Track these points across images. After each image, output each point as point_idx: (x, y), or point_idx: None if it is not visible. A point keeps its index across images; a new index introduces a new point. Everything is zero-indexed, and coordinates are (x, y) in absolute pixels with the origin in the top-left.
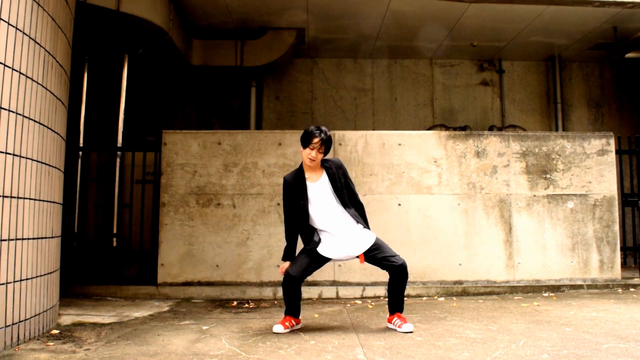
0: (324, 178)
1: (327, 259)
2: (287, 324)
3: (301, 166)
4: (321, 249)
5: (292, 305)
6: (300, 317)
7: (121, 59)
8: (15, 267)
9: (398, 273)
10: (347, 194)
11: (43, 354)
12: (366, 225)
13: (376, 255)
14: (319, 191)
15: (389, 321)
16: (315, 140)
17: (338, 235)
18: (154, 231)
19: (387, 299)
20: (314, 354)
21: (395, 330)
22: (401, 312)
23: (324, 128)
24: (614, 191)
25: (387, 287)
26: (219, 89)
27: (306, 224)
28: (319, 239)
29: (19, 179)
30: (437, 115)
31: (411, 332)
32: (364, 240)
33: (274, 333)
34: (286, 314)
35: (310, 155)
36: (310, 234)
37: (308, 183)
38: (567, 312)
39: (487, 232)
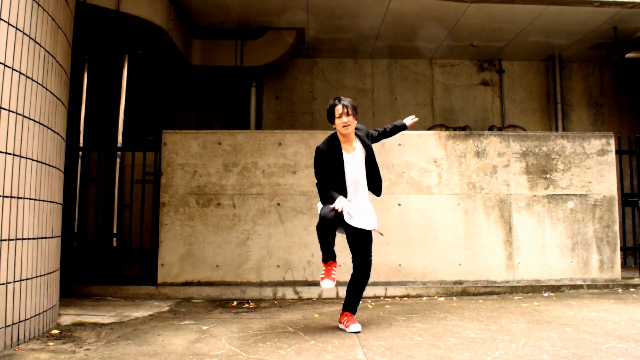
0: (359, 149)
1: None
2: (332, 275)
3: (334, 135)
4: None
5: (329, 248)
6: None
7: (121, 59)
8: (15, 267)
9: (362, 269)
10: (373, 167)
11: (43, 354)
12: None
13: (361, 239)
14: (354, 162)
15: (339, 321)
16: (339, 108)
17: (354, 205)
18: (154, 231)
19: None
20: (314, 354)
21: (344, 330)
22: (353, 313)
23: (341, 97)
24: (614, 191)
25: (348, 283)
26: (219, 89)
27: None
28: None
29: (19, 179)
30: (437, 115)
31: (358, 332)
32: (370, 222)
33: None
34: (326, 260)
35: (342, 123)
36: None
37: (344, 153)
38: (567, 312)
39: (487, 232)
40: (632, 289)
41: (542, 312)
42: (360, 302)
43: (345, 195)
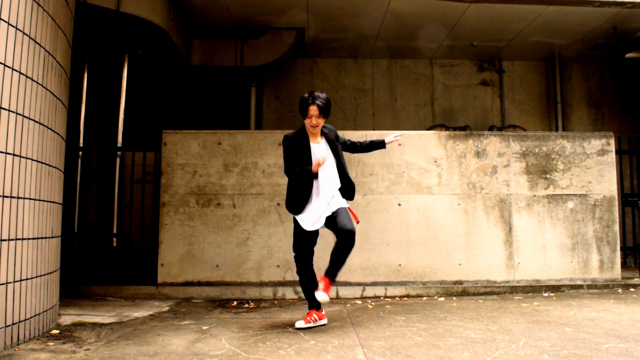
0: (323, 143)
1: (316, 231)
2: (309, 318)
3: (303, 127)
4: (302, 223)
5: (310, 291)
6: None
7: (121, 59)
8: (15, 267)
9: (344, 236)
10: (341, 161)
11: (43, 354)
12: (351, 195)
13: (335, 218)
14: (320, 151)
15: (318, 280)
16: (312, 109)
17: (321, 202)
18: (154, 231)
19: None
20: (314, 354)
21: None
22: (331, 280)
23: (316, 93)
24: (614, 191)
25: (332, 250)
26: (219, 89)
27: (306, 182)
28: (308, 209)
29: (19, 179)
30: (437, 115)
31: (327, 301)
32: (341, 202)
33: (289, 330)
34: (310, 307)
35: (311, 123)
36: (304, 196)
37: (311, 143)
38: (567, 312)
39: (487, 232)
40: (632, 289)
41: (542, 312)
42: (360, 302)
43: (312, 181)
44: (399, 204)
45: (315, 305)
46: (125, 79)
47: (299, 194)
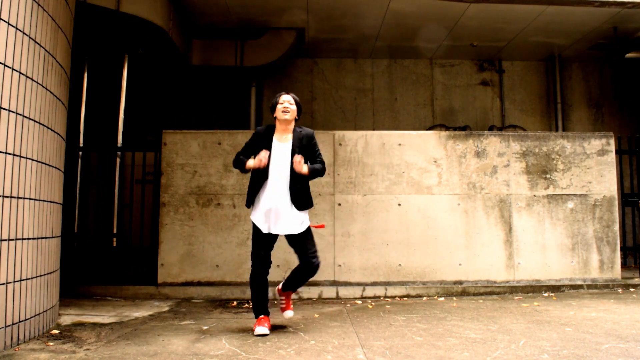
0: (288, 143)
1: (274, 235)
2: (266, 324)
3: (273, 125)
4: (260, 225)
5: (262, 300)
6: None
7: (121, 59)
8: (15, 267)
9: (308, 268)
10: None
11: (43, 354)
12: (307, 206)
13: (301, 242)
14: (281, 151)
15: (278, 292)
16: (283, 96)
17: (274, 205)
18: (154, 231)
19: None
20: (314, 354)
21: (280, 310)
22: (293, 291)
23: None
24: (614, 191)
25: (292, 269)
26: (219, 89)
27: (260, 179)
28: (258, 209)
29: (19, 179)
30: (437, 115)
31: (290, 317)
32: (294, 225)
33: (261, 335)
34: (258, 314)
35: (282, 107)
36: (255, 191)
37: (275, 140)
38: (567, 312)
39: (487, 232)
40: (632, 289)
41: (542, 312)
42: (360, 302)
43: (264, 181)
44: (399, 204)
45: (264, 311)
46: (125, 79)
47: (251, 187)
